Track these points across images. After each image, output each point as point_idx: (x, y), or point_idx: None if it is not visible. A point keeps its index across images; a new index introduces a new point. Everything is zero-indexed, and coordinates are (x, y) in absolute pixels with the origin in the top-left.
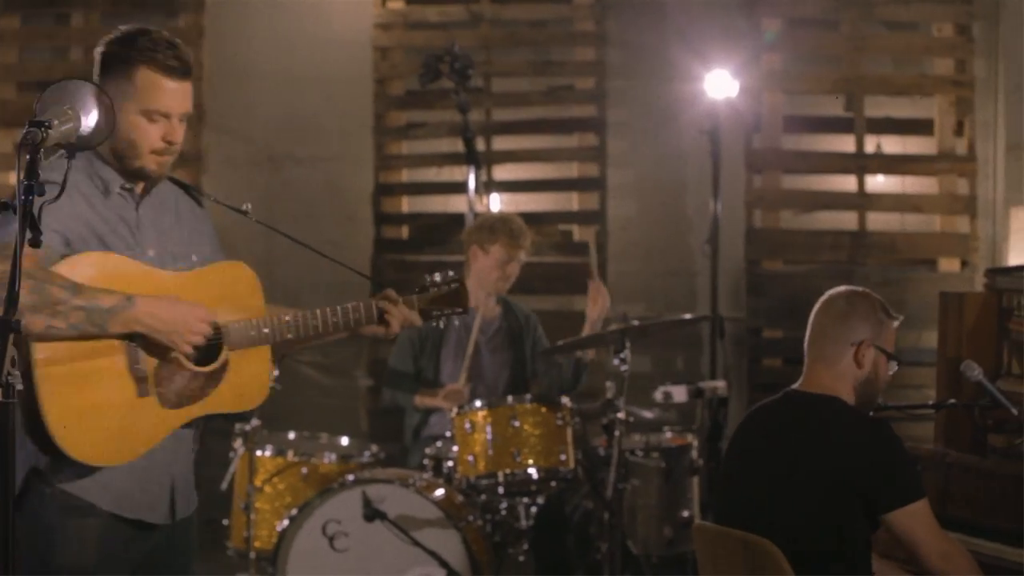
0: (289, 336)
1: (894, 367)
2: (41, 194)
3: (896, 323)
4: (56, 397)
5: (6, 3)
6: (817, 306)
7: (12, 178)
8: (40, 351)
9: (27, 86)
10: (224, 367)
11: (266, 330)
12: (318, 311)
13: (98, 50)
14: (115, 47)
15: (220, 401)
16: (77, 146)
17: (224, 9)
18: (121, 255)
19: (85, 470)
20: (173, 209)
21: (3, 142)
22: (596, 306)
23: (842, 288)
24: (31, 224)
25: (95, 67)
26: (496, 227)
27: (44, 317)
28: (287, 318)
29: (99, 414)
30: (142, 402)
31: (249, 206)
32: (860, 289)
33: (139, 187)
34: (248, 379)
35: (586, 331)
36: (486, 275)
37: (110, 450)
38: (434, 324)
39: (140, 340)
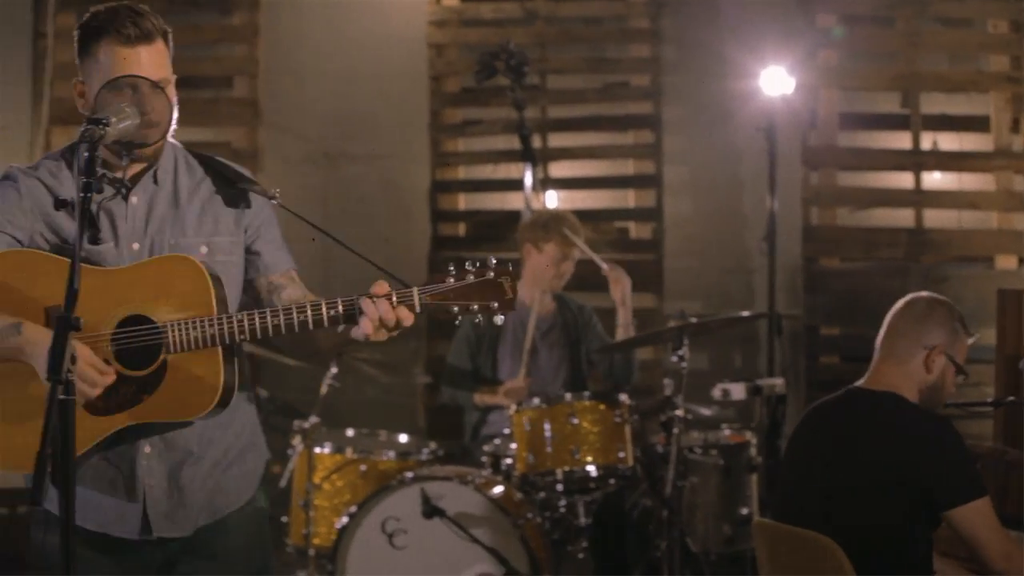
0: (243, 337)
1: (960, 380)
2: (99, 191)
3: (971, 340)
4: None
5: (62, 1)
6: (897, 305)
7: None
8: None
9: None
10: (162, 372)
11: (211, 330)
12: (281, 309)
13: (75, 36)
14: (82, 28)
15: (155, 409)
16: (134, 144)
17: (279, 7)
18: (42, 252)
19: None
20: (190, 195)
21: (61, 139)
22: (619, 287)
23: (925, 293)
24: (89, 221)
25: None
26: (550, 225)
27: None
28: (239, 317)
29: (18, 418)
30: None
31: (278, 191)
32: (943, 298)
33: (132, 171)
34: (190, 385)
35: (620, 316)
36: (541, 273)
37: (28, 457)
38: (458, 321)
39: None
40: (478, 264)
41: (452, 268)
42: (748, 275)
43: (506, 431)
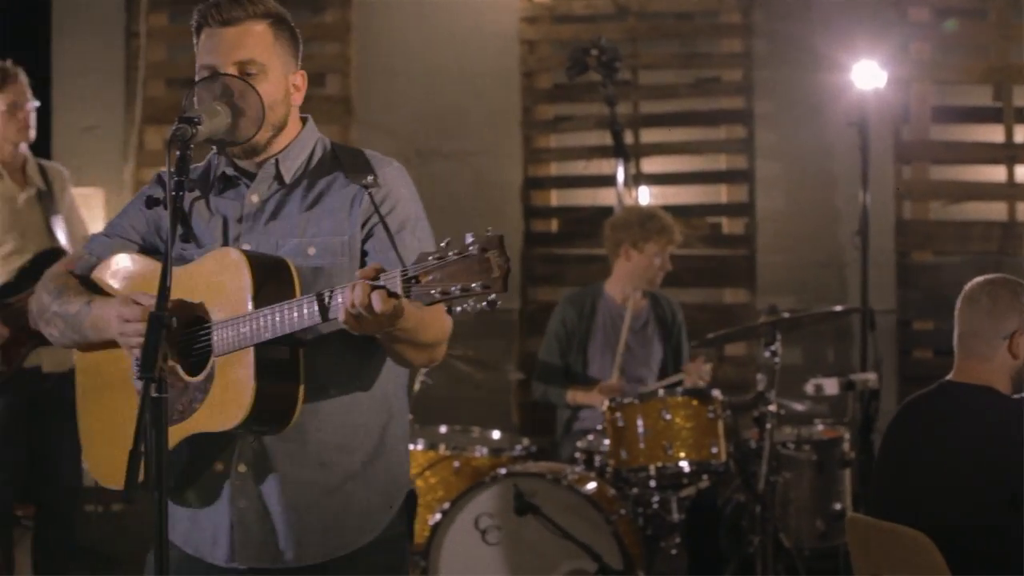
0: (268, 335)
1: None
2: (191, 190)
3: None
4: (83, 411)
5: (154, 1)
6: (959, 303)
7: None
8: (78, 359)
9: (175, 83)
10: (211, 377)
11: (244, 329)
12: (296, 300)
13: None
14: (193, 27)
15: (204, 419)
16: (226, 142)
17: (371, 5)
18: (141, 256)
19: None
20: (307, 192)
21: (153, 139)
22: (690, 378)
23: (979, 280)
24: (181, 220)
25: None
26: (647, 225)
27: (44, 324)
28: (266, 313)
29: (109, 430)
30: None
31: (372, 178)
32: (996, 277)
33: (255, 161)
34: (228, 393)
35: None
36: (642, 273)
37: (117, 471)
38: (455, 309)
39: None
40: (472, 238)
41: (444, 244)
42: (841, 270)
43: (599, 427)
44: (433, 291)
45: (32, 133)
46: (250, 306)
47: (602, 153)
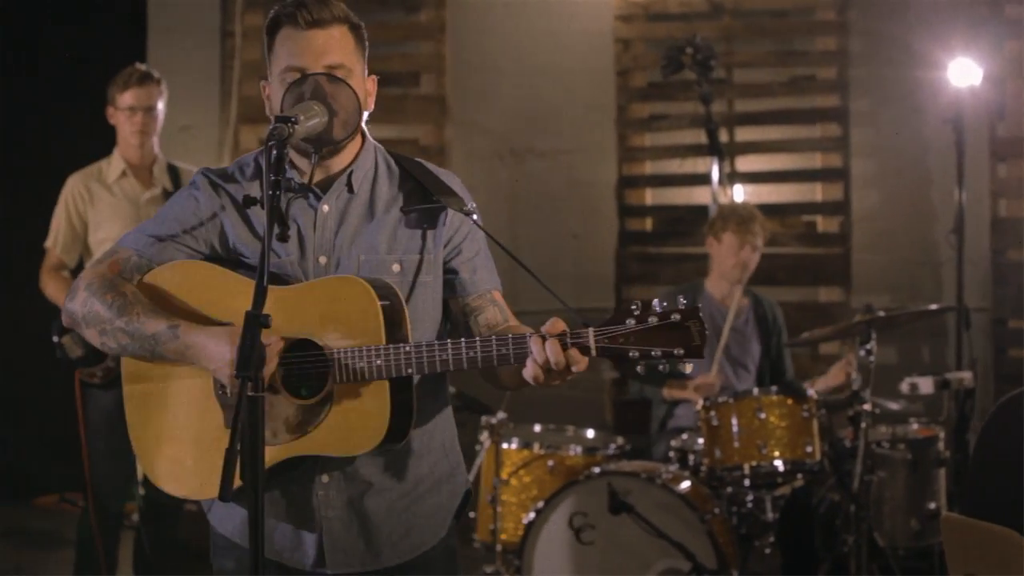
0: (410, 371)
1: None
2: (288, 190)
3: None
4: (138, 419)
5: (249, 1)
6: None
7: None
8: (127, 365)
9: None
10: (327, 401)
11: (379, 362)
12: (449, 343)
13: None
14: (266, 27)
15: (319, 442)
16: (322, 141)
17: (465, 4)
18: (207, 263)
19: (222, 505)
20: (386, 207)
21: (248, 138)
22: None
23: None
24: (278, 219)
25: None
26: (725, 215)
27: (96, 333)
28: (406, 349)
29: (181, 442)
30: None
31: (474, 205)
32: None
33: (322, 175)
34: (355, 419)
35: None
36: (722, 263)
37: (193, 484)
38: (639, 368)
39: None
40: (664, 304)
41: (635, 307)
42: (936, 268)
43: (693, 426)
44: (632, 353)
45: (153, 138)
46: (384, 338)
47: (697, 152)
